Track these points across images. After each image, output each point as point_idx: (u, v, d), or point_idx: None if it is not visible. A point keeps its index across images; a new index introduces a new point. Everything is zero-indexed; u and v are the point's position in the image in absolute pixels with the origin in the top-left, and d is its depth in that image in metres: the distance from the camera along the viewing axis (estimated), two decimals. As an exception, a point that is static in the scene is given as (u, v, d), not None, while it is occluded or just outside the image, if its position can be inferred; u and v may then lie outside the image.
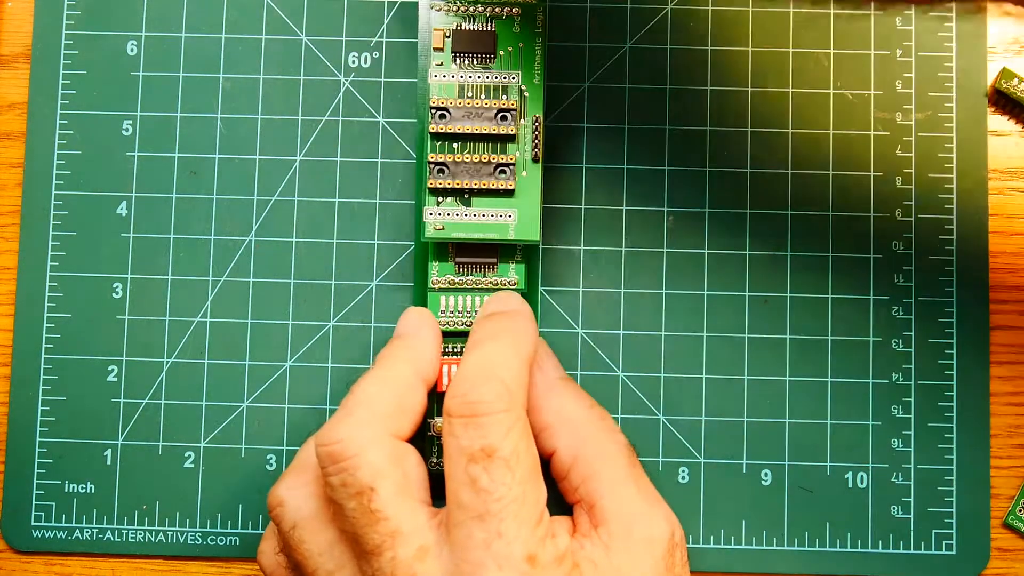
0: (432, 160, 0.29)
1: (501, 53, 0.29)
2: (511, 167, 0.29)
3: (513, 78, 0.29)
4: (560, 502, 0.27)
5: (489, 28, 0.29)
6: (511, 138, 0.29)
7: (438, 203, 0.29)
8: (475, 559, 0.23)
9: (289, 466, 0.27)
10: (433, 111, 0.29)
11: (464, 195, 0.29)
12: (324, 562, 0.25)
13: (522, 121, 0.29)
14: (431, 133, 0.29)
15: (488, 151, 0.29)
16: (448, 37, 0.29)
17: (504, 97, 0.29)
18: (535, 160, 0.29)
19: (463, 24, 0.29)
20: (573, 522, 0.26)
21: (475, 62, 0.29)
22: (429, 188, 0.29)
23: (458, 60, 0.29)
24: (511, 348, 0.26)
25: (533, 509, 0.24)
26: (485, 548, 0.23)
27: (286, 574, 0.27)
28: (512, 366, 0.25)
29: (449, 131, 0.29)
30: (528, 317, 0.28)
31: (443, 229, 0.29)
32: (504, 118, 0.29)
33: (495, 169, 0.29)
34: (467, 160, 0.29)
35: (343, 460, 0.24)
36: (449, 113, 0.29)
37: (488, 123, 0.29)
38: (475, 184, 0.28)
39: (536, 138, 0.29)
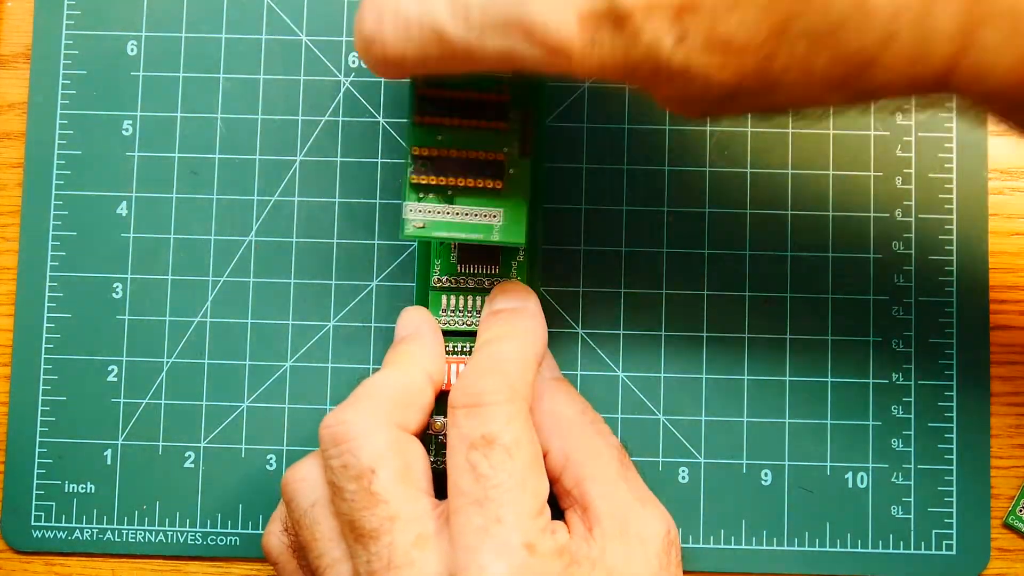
0: (416, 154, 0.27)
1: None
2: (499, 164, 0.27)
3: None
4: (553, 507, 0.27)
5: None
6: (500, 134, 0.27)
7: (419, 199, 0.27)
8: (472, 544, 0.23)
9: (310, 454, 0.27)
10: (419, 100, 0.27)
11: (447, 192, 0.27)
12: (331, 548, 0.25)
13: (512, 115, 0.27)
14: (415, 124, 0.27)
15: (475, 146, 0.27)
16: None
17: (496, 89, 0.27)
18: (524, 156, 0.27)
19: None
20: (567, 525, 0.26)
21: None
22: (411, 183, 0.27)
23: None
24: (519, 348, 0.26)
25: (533, 499, 0.24)
26: (483, 533, 0.23)
27: (291, 555, 0.26)
28: (518, 362, 0.25)
29: (435, 123, 0.27)
30: (536, 314, 0.28)
31: (424, 227, 0.27)
32: (494, 112, 0.27)
33: (482, 166, 0.27)
34: (452, 155, 0.27)
35: (345, 441, 0.24)
36: (436, 104, 0.27)
37: (477, 116, 0.27)
38: (459, 182, 0.27)
39: (527, 133, 0.27)
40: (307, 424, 0.31)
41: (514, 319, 0.27)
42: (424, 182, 0.27)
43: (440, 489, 0.26)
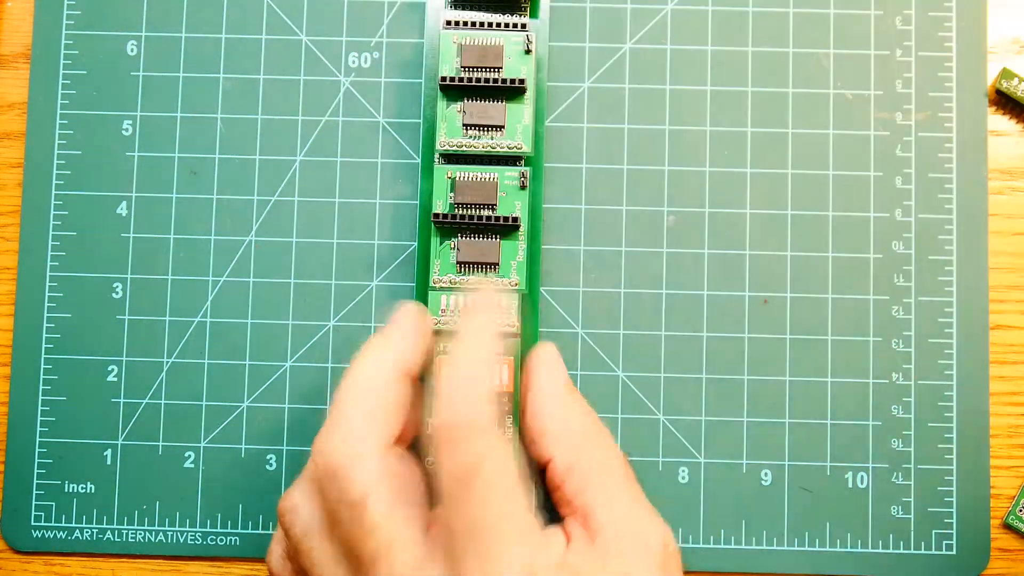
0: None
1: None
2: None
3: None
4: (549, 510, 0.27)
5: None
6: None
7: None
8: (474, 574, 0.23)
9: (301, 474, 0.27)
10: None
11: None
12: (332, 573, 0.25)
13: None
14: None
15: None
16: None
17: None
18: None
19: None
20: (565, 532, 0.26)
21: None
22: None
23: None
24: (471, 366, 0.25)
25: (523, 519, 0.24)
26: (481, 565, 0.23)
27: None
28: (473, 380, 0.25)
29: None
30: (488, 318, 0.27)
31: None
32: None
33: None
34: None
35: (335, 473, 0.24)
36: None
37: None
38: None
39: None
40: (307, 424, 0.31)
41: (471, 324, 0.26)
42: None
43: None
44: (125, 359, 0.31)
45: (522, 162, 0.30)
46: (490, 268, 0.30)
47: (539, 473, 0.27)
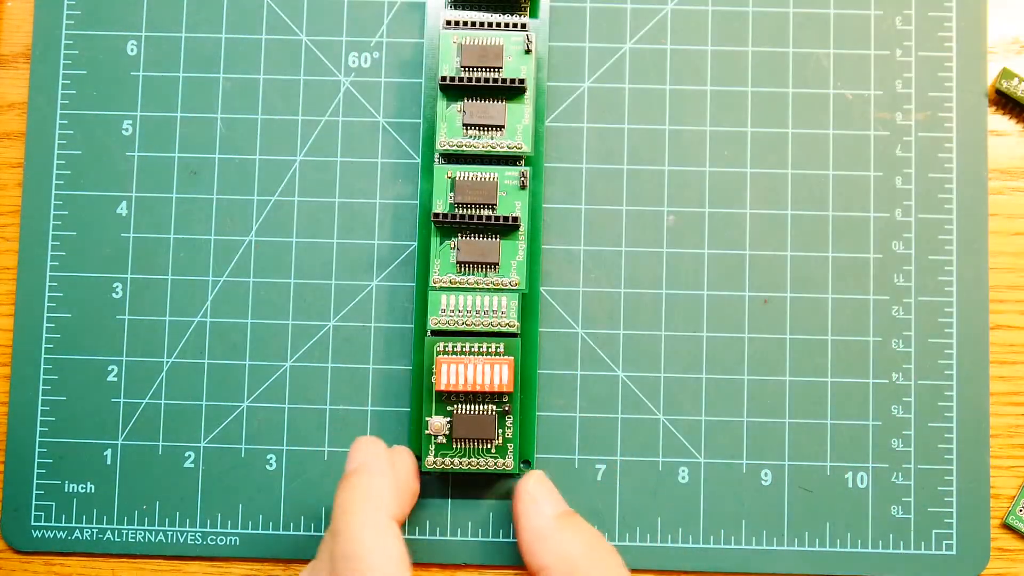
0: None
1: None
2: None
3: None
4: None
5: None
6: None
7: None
8: None
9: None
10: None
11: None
12: None
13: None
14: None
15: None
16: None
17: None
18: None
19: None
20: None
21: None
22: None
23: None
24: (366, 529, 0.25)
25: None
26: None
27: None
28: (368, 543, 0.25)
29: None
30: (373, 472, 0.27)
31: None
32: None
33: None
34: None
35: None
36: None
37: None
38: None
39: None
40: (307, 424, 0.31)
41: (353, 490, 0.26)
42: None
43: (437, 490, 0.25)
44: (125, 359, 0.31)
45: (522, 162, 0.30)
46: (490, 268, 0.30)
47: None
